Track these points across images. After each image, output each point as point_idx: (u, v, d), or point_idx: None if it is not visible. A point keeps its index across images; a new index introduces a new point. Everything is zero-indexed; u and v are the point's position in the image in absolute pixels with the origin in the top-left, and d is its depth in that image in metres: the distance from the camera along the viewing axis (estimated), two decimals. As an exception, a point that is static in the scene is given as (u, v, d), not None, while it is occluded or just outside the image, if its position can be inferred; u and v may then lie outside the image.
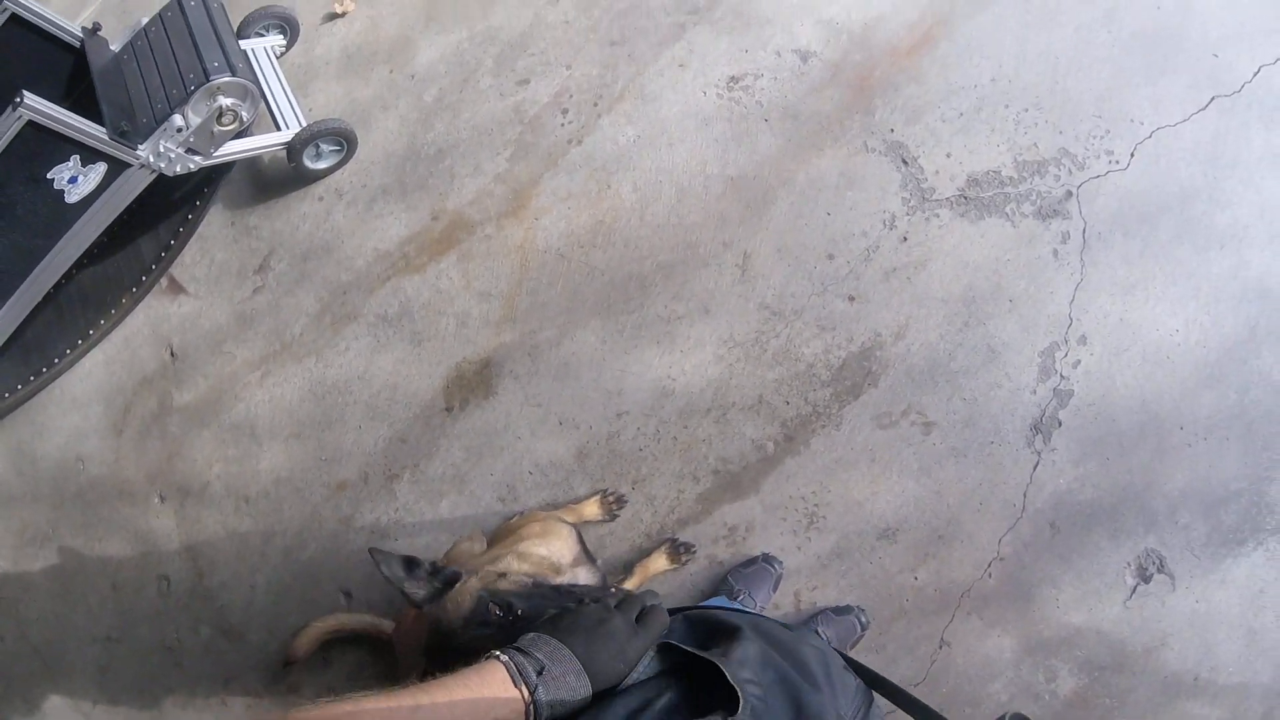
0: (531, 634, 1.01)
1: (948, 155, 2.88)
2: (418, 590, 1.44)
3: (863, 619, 2.52)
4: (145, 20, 3.09)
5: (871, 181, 2.86)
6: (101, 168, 2.86)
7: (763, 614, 1.66)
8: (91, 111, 2.88)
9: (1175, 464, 2.57)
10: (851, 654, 2.26)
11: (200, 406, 3.23)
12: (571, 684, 0.94)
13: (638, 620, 1.07)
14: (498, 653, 0.96)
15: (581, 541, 1.88)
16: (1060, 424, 2.62)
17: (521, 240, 3.00)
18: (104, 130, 2.77)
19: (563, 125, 3.08)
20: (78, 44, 3.06)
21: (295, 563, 3.04)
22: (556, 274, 2.96)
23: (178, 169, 2.93)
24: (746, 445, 2.74)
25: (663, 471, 2.77)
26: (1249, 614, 2.51)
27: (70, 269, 3.13)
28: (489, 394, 2.93)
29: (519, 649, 0.97)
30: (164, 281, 3.36)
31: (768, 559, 2.58)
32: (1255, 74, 2.83)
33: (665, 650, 1.08)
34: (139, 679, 3.14)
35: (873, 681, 1.26)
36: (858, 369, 2.74)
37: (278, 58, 3.33)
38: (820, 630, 2.45)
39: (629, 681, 1.03)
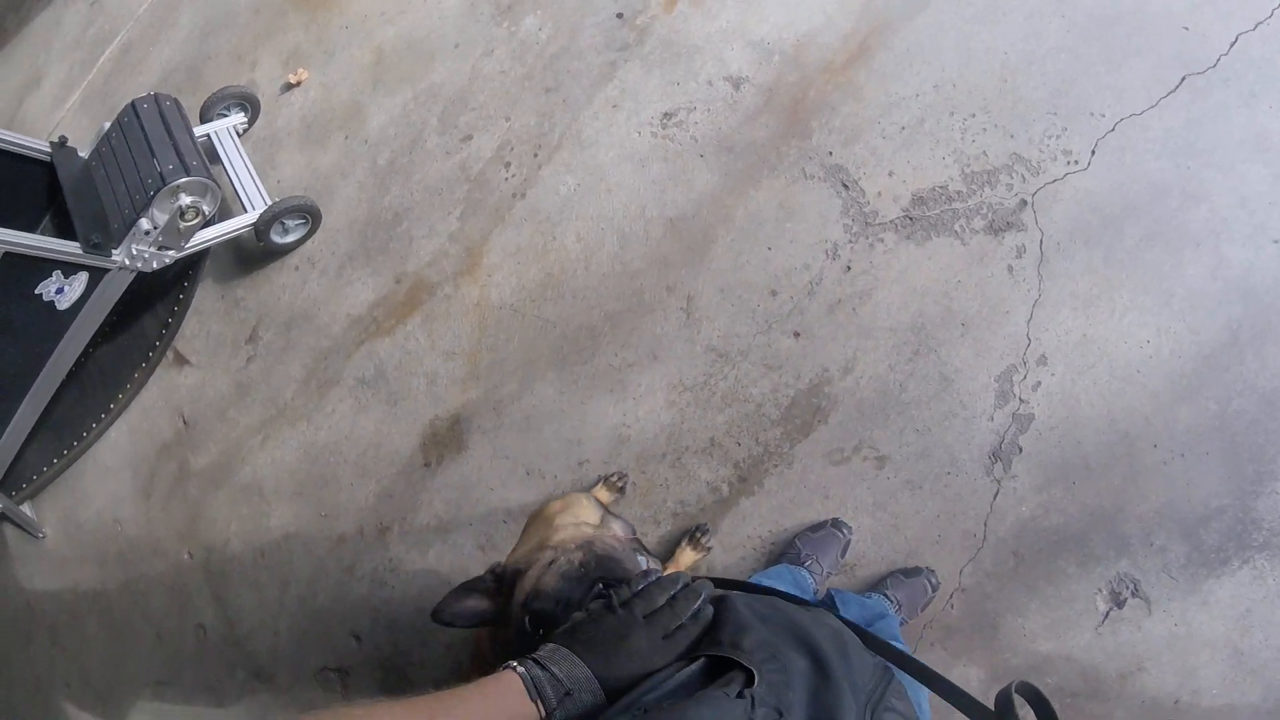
0: (550, 645, 0.86)
1: (890, 174, 2.38)
2: (496, 611, 1.15)
3: (933, 580, 2.11)
4: (107, 125, 2.74)
5: (811, 210, 2.35)
6: (84, 276, 2.58)
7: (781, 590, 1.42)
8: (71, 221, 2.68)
9: (1149, 484, 2.06)
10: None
11: (214, 470, 2.92)
12: (586, 701, 0.81)
13: (668, 634, 0.87)
14: (515, 664, 0.82)
15: (602, 505, 1.57)
16: (1021, 450, 2.12)
17: (478, 298, 2.59)
18: (77, 245, 2.49)
19: (506, 179, 2.64)
20: (48, 158, 2.75)
21: (310, 610, 2.76)
22: (513, 329, 2.55)
23: (154, 265, 2.63)
24: (702, 488, 2.31)
25: (625, 516, 2.44)
26: (1234, 634, 1.99)
27: (86, 350, 2.90)
28: (461, 449, 2.56)
29: (536, 661, 0.83)
30: (170, 355, 3.09)
31: (836, 524, 2.17)
32: (1232, 45, 2.18)
33: None
34: (188, 718, 3.05)
35: (898, 660, 1.03)
36: (807, 406, 2.29)
37: (241, 135, 2.95)
38: (890, 594, 2.07)
39: None
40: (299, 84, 2.98)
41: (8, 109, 3.67)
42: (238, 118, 2.97)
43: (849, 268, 2.31)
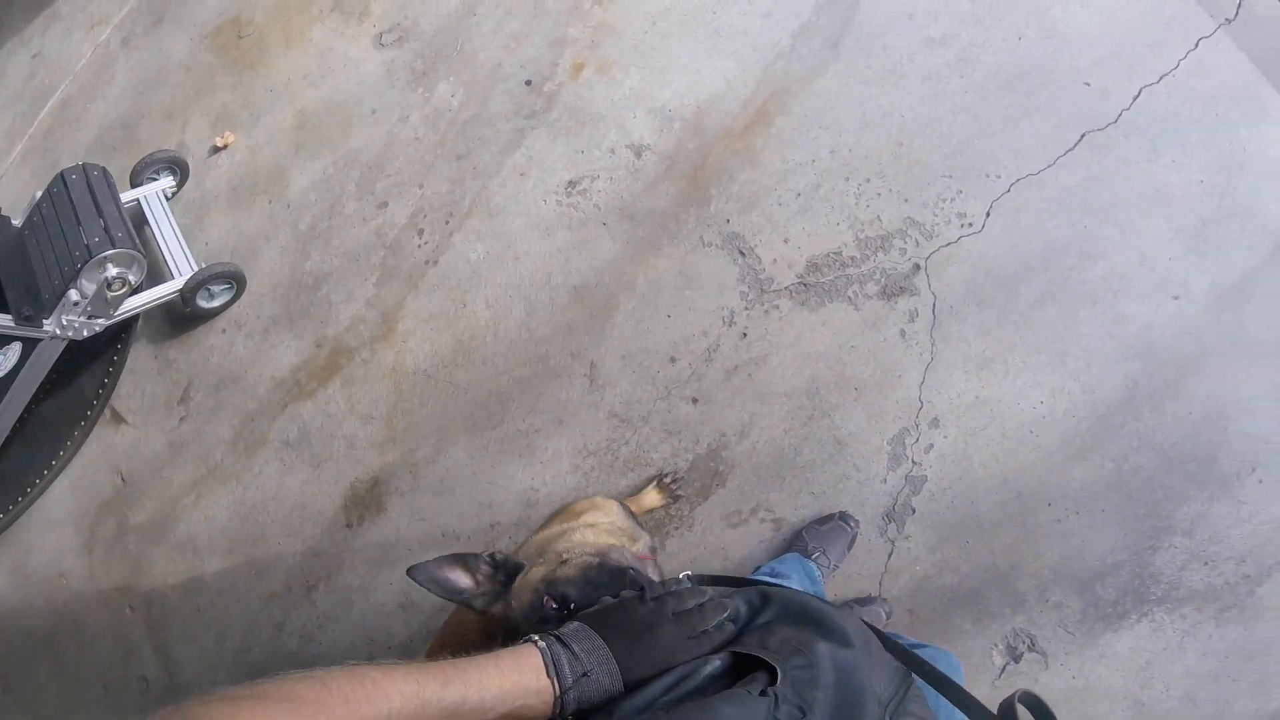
0: (575, 623, 0.84)
1: (785, 241, 2.34)
2: (477, 596, 1.11)
3: (886, 609, 2.10)
4: (39, 194, 2.69)
5: (709, 278, 2.31)
6: (18, 345, 2.55)
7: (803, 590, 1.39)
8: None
9: (1044, 542, 2.04)
10: None
11: (151, 527, 2.88)
12: (604, 684, 0.78)
13: (694, 636, 0.85)
14: (535, 637, 0.80)
15: (630, 514, 1.54)
16: (914, 511, 2.10)
17: (394, 363, 2.55)
18: (9, 318, 2.47)
19: (420, 246, 2.59)
20: None
21: (245, 663, 2.69)
22: (427, 394, 2.51)
23: (85, 334, 2.60)
24: (608, 552, 2.40)
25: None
26: (1135, 686, 1.98)
27: (29, 406, 2.86)
28: (380, 510, 2.52)
29: (558, 638, 0.80)
30: (108, 413, 3.06)
31: (844, 517, 2.13)
32: (1135, 98, 2.15)
33: None
34: None
35: (909, 661, 1.00)
36: (705, 470, 2.24)
37: (170, 198, 2.90)
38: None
39: None
40: (225, 147, 2.95)
41: (-48, 166, 3.66)
42: (167, 181, 2.94)
43: (745, 334, 2.30)
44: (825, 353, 2.24)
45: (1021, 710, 0.87)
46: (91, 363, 3.03)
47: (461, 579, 1.11)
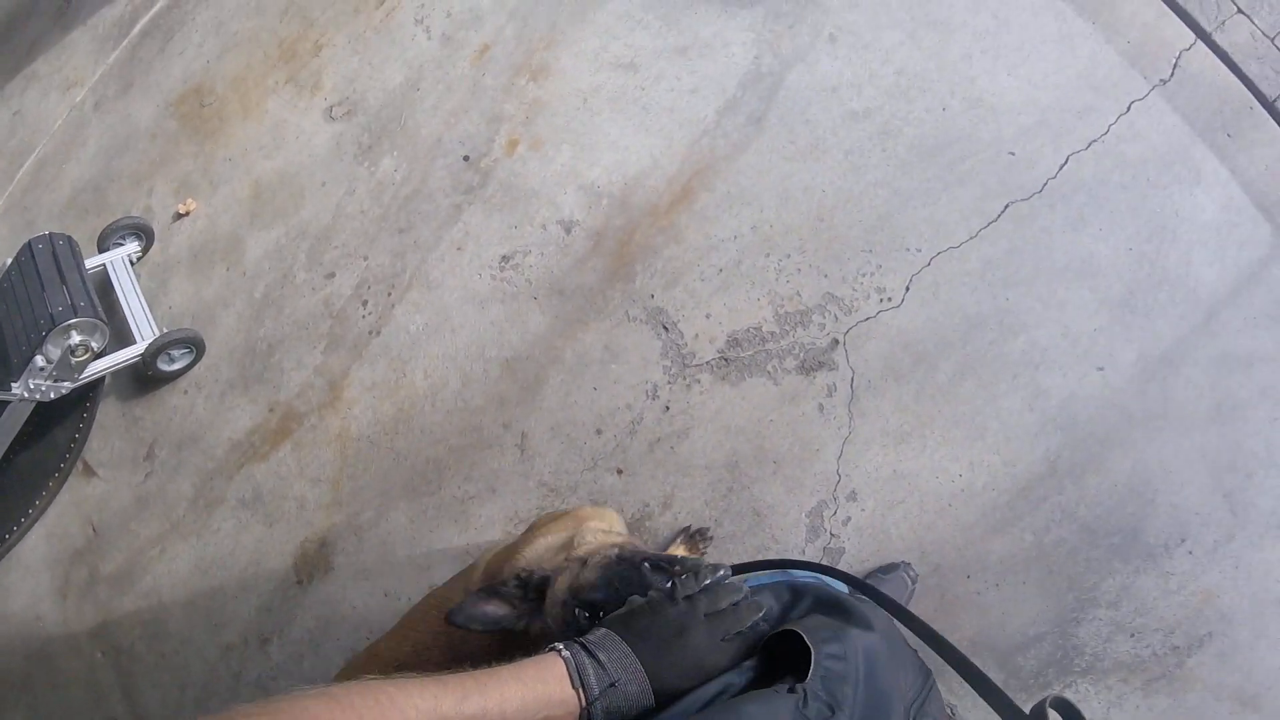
0: (602, 630, 0.80)
1: (707, 316, 2.36)
2: (519, 619, 1.09)
3: (911, 573, 2.08)
4: (9, 261, 2.78)
5: (634, 352, 2.36)
6: None
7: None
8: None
9: (963, 614, 2.04)
10: None
11: (119, 577, 2.97)
12: (632, 694, 0.75)
13: (727, 638, 0.80)
14: (560, 646, 0.76)
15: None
16: None
17: (339, 430, 2.61)
18: None
19: (364, 316, 2.66)
20: None
21: (205, 710, 2.93)
22: (370, 460, 2.57)
23: (51, 396, 2.68)
24: (537, 618, 2.46)
25: (472, 641, 2.48)
26: None
27: (7, 457, 2.92)
28: (328, 569, 2.59)
29: (584, 646, 0.77)
30: (80, 465, 3.21)
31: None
32: (1061, 167, 2.16)
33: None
34: None
35: (930, 638, 0.96)
36: None
37: (135, 263, 2.97)
38: None
39: None
40: (188, 214, 3.03)
41: (-61, 221, 3.78)
42: (132, 246, 3.02)
43: (668, 408, 2.35)
44: (745, 426, 2.28)
45: (1053, 714, 0.81)
46: (64, 417, 3.11)
47: (498, 609, 1.08)
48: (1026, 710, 0.78)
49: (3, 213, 3.60)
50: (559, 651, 0.76)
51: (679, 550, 2.25)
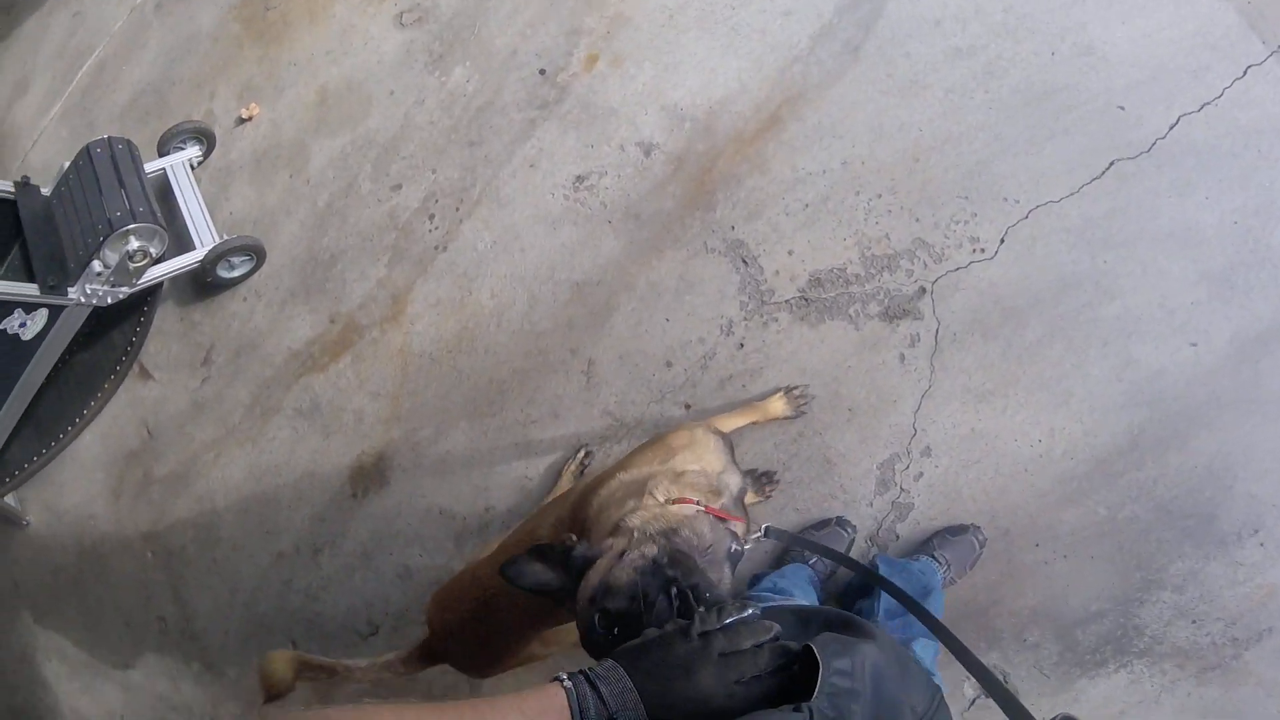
0: (609, 662, 0.78)
1: (789, 253, 2.27)
2: (558, 588, 1.07)
3: (980, 537, 2.02)
4: (66, 165, 2.74)
5: (710, 285, 2.28)
6: (44, 312, 2.63)
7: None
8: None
9: (1027, 582, 1.98)
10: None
11: (173, 480, 2.97)
12: None
13: (741, 680, 0.76)
14: (564, 675, 0.75)
15: (730, 450, 1.48)
16: (898, 537, 2.07)
17: (401, 344, 2.59)
18: (35, 287, 2.54)
19: (430, 231, 2.60)
20: (12, 197, 2.77)
21: (254, 615, 2.82)
22: (431, 377, 2.55)
23: (109, 301, 2.68)
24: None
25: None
26: None
27: (63, 356, 2.93)
28: (384, 484, 2.59)
29: (588, 678, 0.75)
30: (136, 368, 3.11)
31: (840, 522, 2.09)
32: (1172, 127, 2.00)
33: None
34: (151, 700, 3.09)
35: (950, 642, 0.96)
36: None
37: (195, 168, 2.93)
38: (938, 554, 2.00)
39: None
40: (250, 119, 2.97)
41: (-2, 113, 3.76)
42: (193, 151, 2.98)
43: (742, 345, 2.29)
44: (821, 370, 2.21)
45: None
46: (122, 319, 3.13)
47: (546, 573, 1.06)
48: None
49: (62, 115, 3.56)
50: (561, 682, 0.74)
51: (779, 403, 2.18)
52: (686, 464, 1.32)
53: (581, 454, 2.35)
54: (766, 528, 1.25)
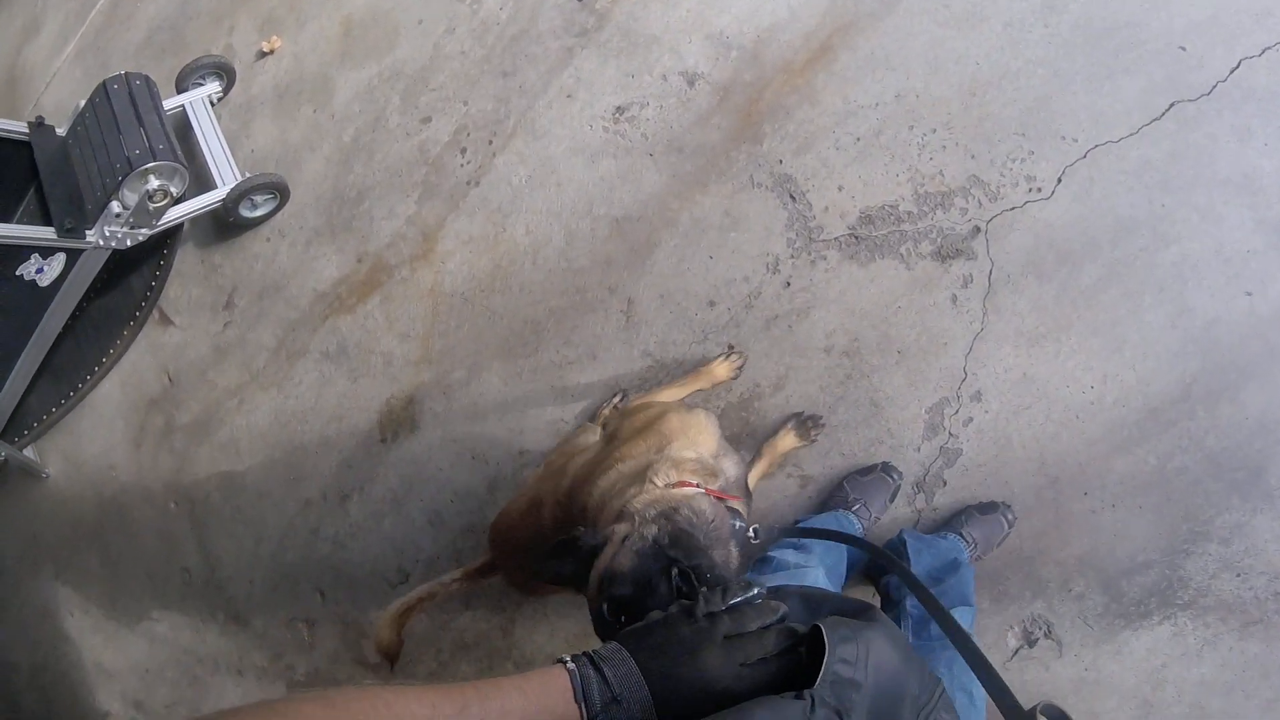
0: (613, 644, 0.77)
1: (840, 189, 2.16)
2: (569, 571, 1.11)
3: (1009, 516, 1.98)
4: (82, 103, 2.66)
5: (756, 221, 2.18)
6: (61, 256, 2.58)
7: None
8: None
9: (1074, 531, 1.93)
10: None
11: (196, 427, 2.93)
12: (635, 713, 0.72)
13: (747, 663, 0.76)
14: (567, 658, 0.75)
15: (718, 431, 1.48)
16: (945, 483, 2.00)
17: (432, 284, 2.50)
18: (52, 230, 2.47)
19: (462, 165, 2.50)
20: (27, 139, 2.69)
21: (280, 564, 2.79)
22: (463, 317, 2.47)
23: (128, 243, 2.61)
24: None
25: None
26: (1145, 687, 1.88)
27: (80, 304, 2.87)
28: (414, 428, 2.53)
29: (592, 660, 0.75)
30: (156, 314, 3.01)
31: (886, 468, 2.05)
32: (1233, 70, 1.91)
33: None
34: (175, 652, 3.05)
35: (947, 625, 0.94)
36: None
37: (215, 104, 2.84)
38: (966, 532, 1.95)
39: None
40: (272, 52, 2.87)
41: (9, 56, 3.62)
42: (213, 87, 2.88)
43: (789, 284, 2.20)
44: (870, 310, 2.13)
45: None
46: (140, 264, 3.06)
47: (559, 565, 1.10)
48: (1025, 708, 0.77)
49: (76, 55, 3.46)
50: (564, 664, 0.74)
51: (790, 437, 2.11)
52: (683, 451, 1.33)
53: (617, 398, 2.27)
54: (755, 529, 1.20)
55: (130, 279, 3.07)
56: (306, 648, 2.83)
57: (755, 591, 0.80)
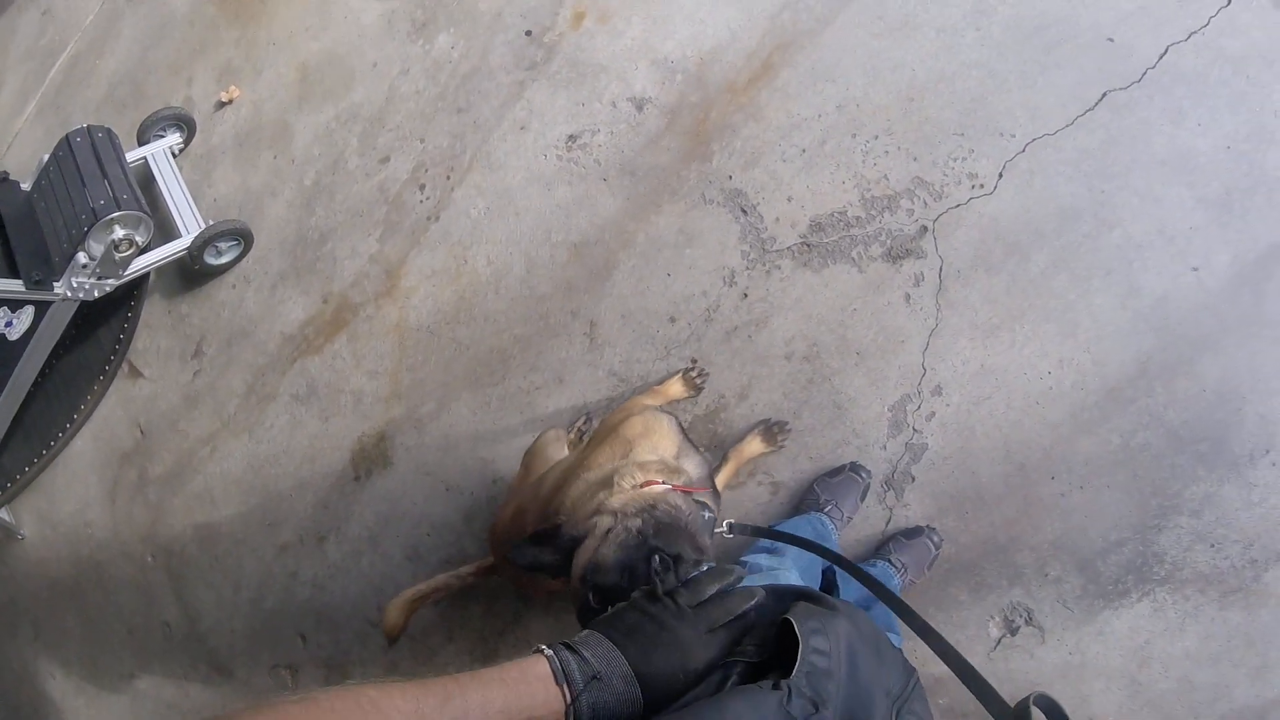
0: (587, 631, 0.81)
1: (789, 199, 2.23)
2: (556, 568, 1.13)
3: (935, 539, 2.02)
4: (46, 157, 2.69)
5: (711, 236, 2.24)
6: (30, 309, 2.59)
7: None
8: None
9: (1045, 516, 1.97)
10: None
11: (169, 478, 2.92)
12: (618, 689, 0.75)
13: (713, 629, 0.81)
14: (544, 647, 0.77)
15: (681, 429, 1.51)
16: (913, 479, 2.04)
17: (397, 319, 2.54)
18: (20, 283, 2.49)
19: (421, 201, 2.55)
20: None
21: (260, 611, 2.77)
22: (430, 350, 2.50)
23: (95, 294, 2.62)
24: (607, 511, 2.39)
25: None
26: (1131, 665, 1.91)
27: (49, 360, 2.88)
28: (387, 464, 2.55)
29: (568, 646, 0.78)
30: (125, 367, 3.04)
31: (854, 468, 2.07)
32: (1161, 57, 2.01)
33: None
34: (159, 708, 3.04)
35: (922, 631, 0.93)
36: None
37: (177, 155, 2.89)
38: (894, 558, 1.98)
39: None
40: (231, 101, 2.93)
41: (-29, 120, 3.69)
42: (174, 138, 2.94)
43: (746, 295, 2.25)
44: (827, 315, 2.18)
45: (1036, 712, 0.79)
46: (107, 317, 3.07)
47: (544, 553, 1.12)
48: (1012, 705, 0.78)
49: (37, 113, 3.51)
50: (542, 651, 0.76)
51: (756, 442, 2.15)
52: (645, 454, 1.37)
53: (580, 421, 2.30)
54: (729, 524, 1.25)
55: (99, 332, 3.09)
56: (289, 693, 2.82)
57: (705, 567, 0.86)
